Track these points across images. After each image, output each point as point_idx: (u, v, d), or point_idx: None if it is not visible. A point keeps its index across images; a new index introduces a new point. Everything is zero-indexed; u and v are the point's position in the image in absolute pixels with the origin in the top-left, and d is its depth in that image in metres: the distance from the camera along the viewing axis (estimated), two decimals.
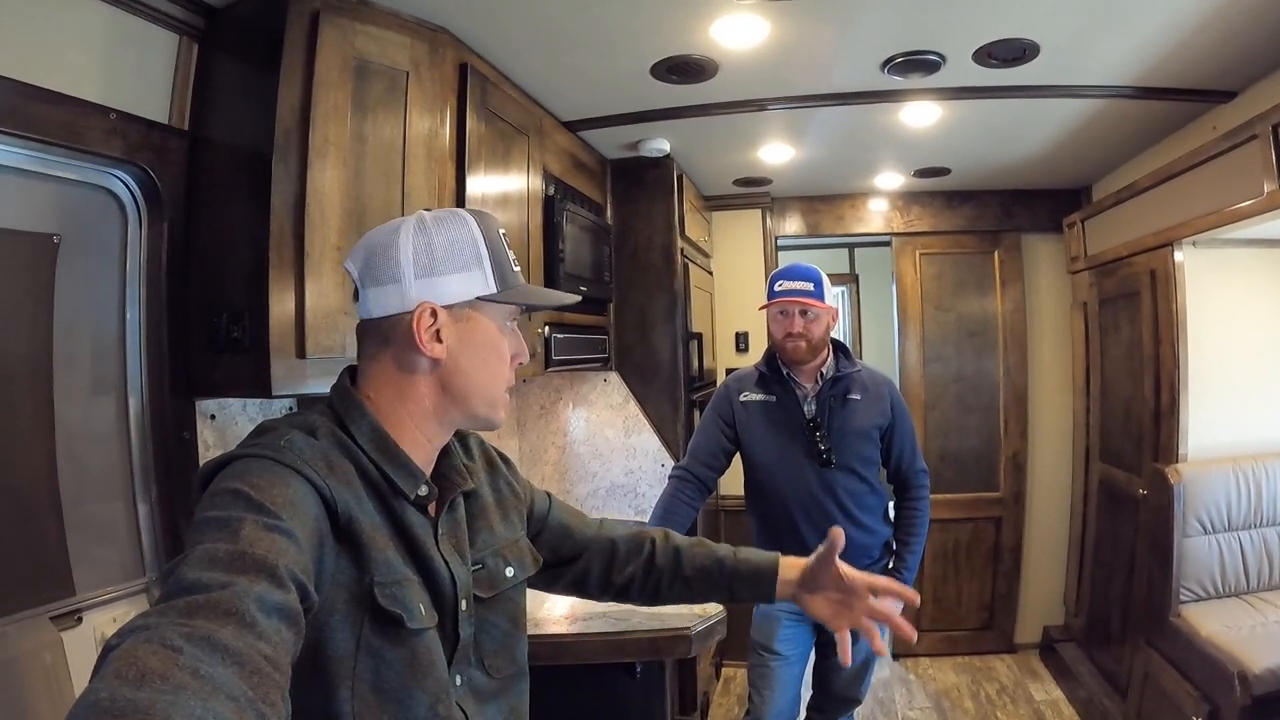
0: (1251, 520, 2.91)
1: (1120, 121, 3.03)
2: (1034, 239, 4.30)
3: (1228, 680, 2.45)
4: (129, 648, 0.60)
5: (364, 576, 0.91)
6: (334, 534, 0.90)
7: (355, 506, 0.92)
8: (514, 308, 1.07)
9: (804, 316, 2.31)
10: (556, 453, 3.60)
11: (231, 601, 0.69)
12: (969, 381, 4.31)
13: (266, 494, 0.82)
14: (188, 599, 0.68)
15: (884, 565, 2.43)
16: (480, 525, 1.12)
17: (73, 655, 1.49)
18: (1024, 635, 4.31)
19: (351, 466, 0.95)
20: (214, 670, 0.61)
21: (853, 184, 4.23)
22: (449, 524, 1.05)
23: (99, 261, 1.64)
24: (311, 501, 0.87)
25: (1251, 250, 3.02)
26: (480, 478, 1.17)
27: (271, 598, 0.72)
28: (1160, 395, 3.06)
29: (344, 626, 0.88)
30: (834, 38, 2.26)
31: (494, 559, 1.11)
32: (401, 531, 0.98)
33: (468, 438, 1.22)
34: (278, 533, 0.79)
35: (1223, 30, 2.21)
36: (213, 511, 0.80)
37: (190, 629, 0.64)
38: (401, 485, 0.98)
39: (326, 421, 0.98)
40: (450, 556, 1.02)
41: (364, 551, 0.91)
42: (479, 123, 2.16)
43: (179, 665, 0.59)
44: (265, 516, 0.80)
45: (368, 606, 0.90)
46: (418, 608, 0.95)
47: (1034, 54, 2.35)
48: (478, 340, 1.03)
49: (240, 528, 0.77)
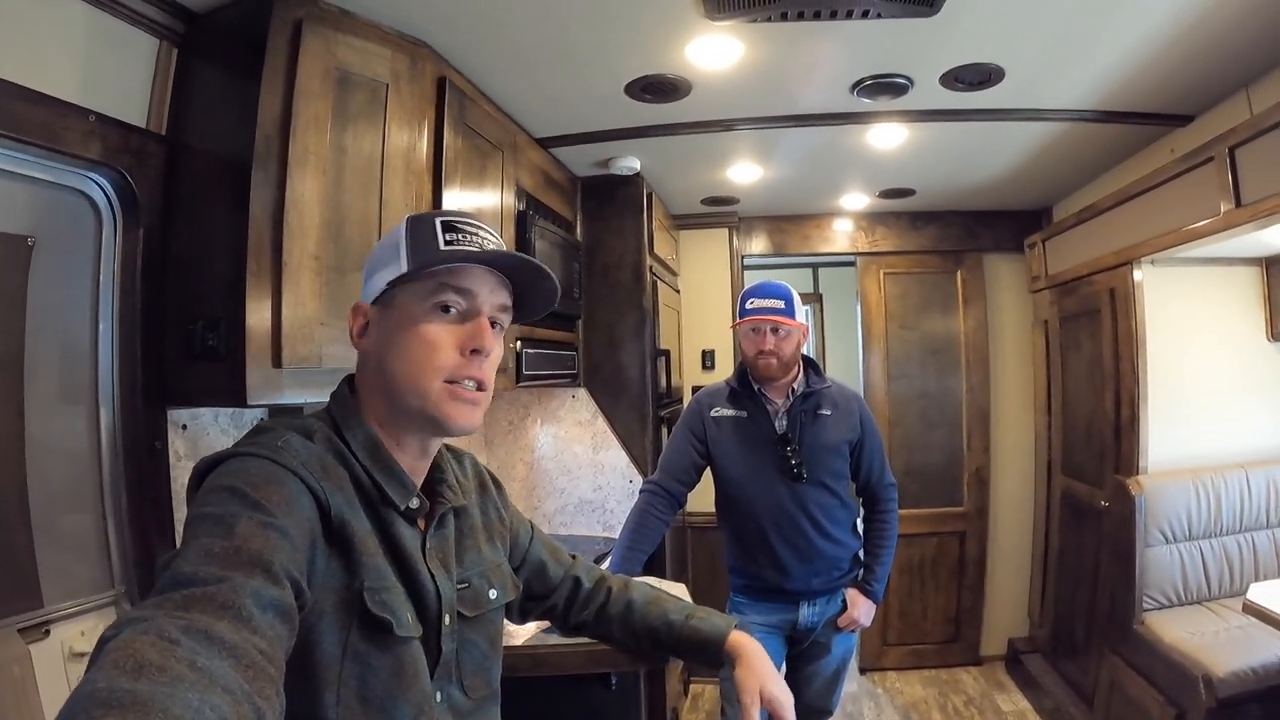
0: (1211, 529, 3.00)
1: (1081, 144, 3.13)
2: (996, 259, 4.40)
3: (1193, 684, 2.51)
4: (126, 639, 0.60)
5: (354, 581, 0.91)
6: (326, 536, 0.90)
7: (348, 511, 0.93)
8: (450, 294, 0.99)
9: (775, 334, 2.33)
10: (524, 469, 3.59)
11: (228, 596, 0.69)
12: (933, 398, 4.38)
13: (262, 492, 0.83)
14: (184, 592, 0.69)
15: (853, 577, 2.46)
16: (469, 544, 1.13)
17: (40, 668, 1.45)
18: (989, 647, 4.36)
19: (345, 473, 0.96)
20: (211, 663, 0.61)
21: (819, 204, 4.30)
22: (437, 539, 1.06)
23: (73, 265, 1.61)
24: (306, 502, 0.87)
25: (1208, 268, 3.13)
26: (472, 498, 1.18)
27: (267, 593, 0.73)
28: (1120, 410, 3.15)
29: (331, 630, 0.88)
30: (807, 60, 2.31)
31: (479, 579, 1.12)
32: (390, 541, 0.98)
33: (463, 456, 1.23)
34: (273, 530, 0.80)
35: (1181, 56, 2.30)
36: (209, 508, 0.80)
37: (187, 621, 0.64)
38: (393, 495, 0.99)
39: (324, 427, 0.99)
40: (437, 571, 1.02)
41: (355, 556, 0.92)
42: (456, 137, 2.17)
43: (176, 657, 0.59)
44: (261, 514, 0.80)
45: (356, 611, 0.90)
46: (405, 616, 0.95)
47: (999, 78, 2.42)
48: (393, 326, 1.00)
49: (236, 524, 0.78)
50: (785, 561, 2.35)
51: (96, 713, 0.52)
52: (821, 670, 2.46)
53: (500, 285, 1.04)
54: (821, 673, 2.46)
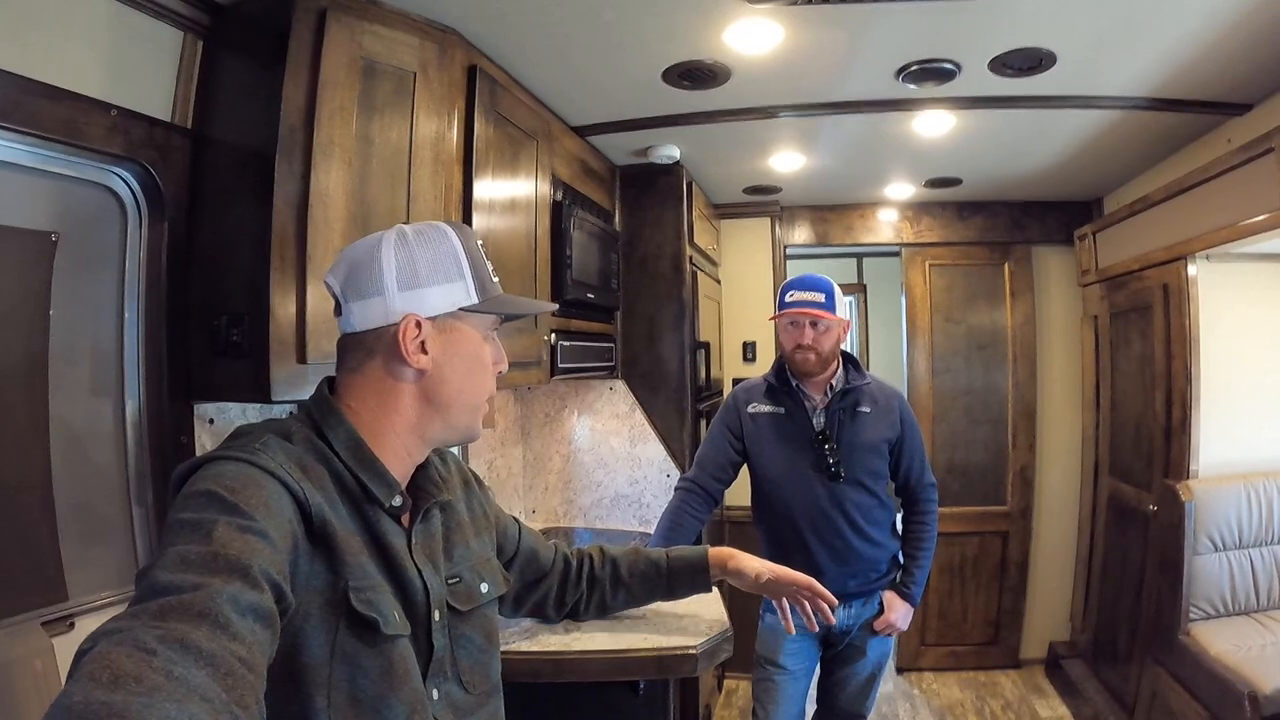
0: (1262, 538, 2.87)
1: (1134, 133, 3.00)
2: (1044, 251, 4.27)
3: (1237, 700, 2.41)
4: (102, 651, 0.60)
5: (338, 581, 0.90)
6: (308, 537, 0.89)
7: (329, 510, 0.92)
8: (494, 317, 1.09)
9: (814, 328, 2.27)
10: (561, 461, 3.56)
11: (205, 603, 0.69)
12: (978, 394, 4.28)
13: (240, 495, 0.82)
14: (160, 601, 0.68)
15: (891, 579, 2.40)
16: (457, 539, 1.13)
17: (64, 661, 1.45)
18: (1029, 651, 4.26)
19: (326, 472, 0.95)
20: (188, 672, 0.61)
21: (863, 194, 4.21)
22: (423, 534, 1.06)
23: (98, 261, 1.60)
24: (285, 503, 0.87)
25: (1265, 265, 2.99)
26: (457, 493, 1.19)
27: (245, 598, 0.72)
28: (1171, 411, 3.03)
29: (318, 633, 0.88)
30: (848, 44, 2.23)
31: (470, 574, 1.12)
32: (375, 539, 0.98)
33: (445, 454, 1.23)
34: (251, 534, 0.79)
35: (1240, 43, 2.18)
36: (186, 514, 0.79)
37: (164, 631, 0.64)
38: (376, 492, 0.98)
39: (303, 428, 0.99)
40: (424, 566, 1.02)
41: (338, 555, 0.91)
42: (487, 126, 2.13)
43: (152, 667, 0.59)
44: (239, 518, 0.79)
45: (343, 611, 0.90)
46: (392, 614, 0.95)
47: (1050, 63, 2.31)
48: (462, 350, 1.05)
49: (214, 529, 0.77)
50: (821, 562, 2.29)
51: None
52: (856, 674, 2.40)
53: None
54: (856, 676, 2.40)
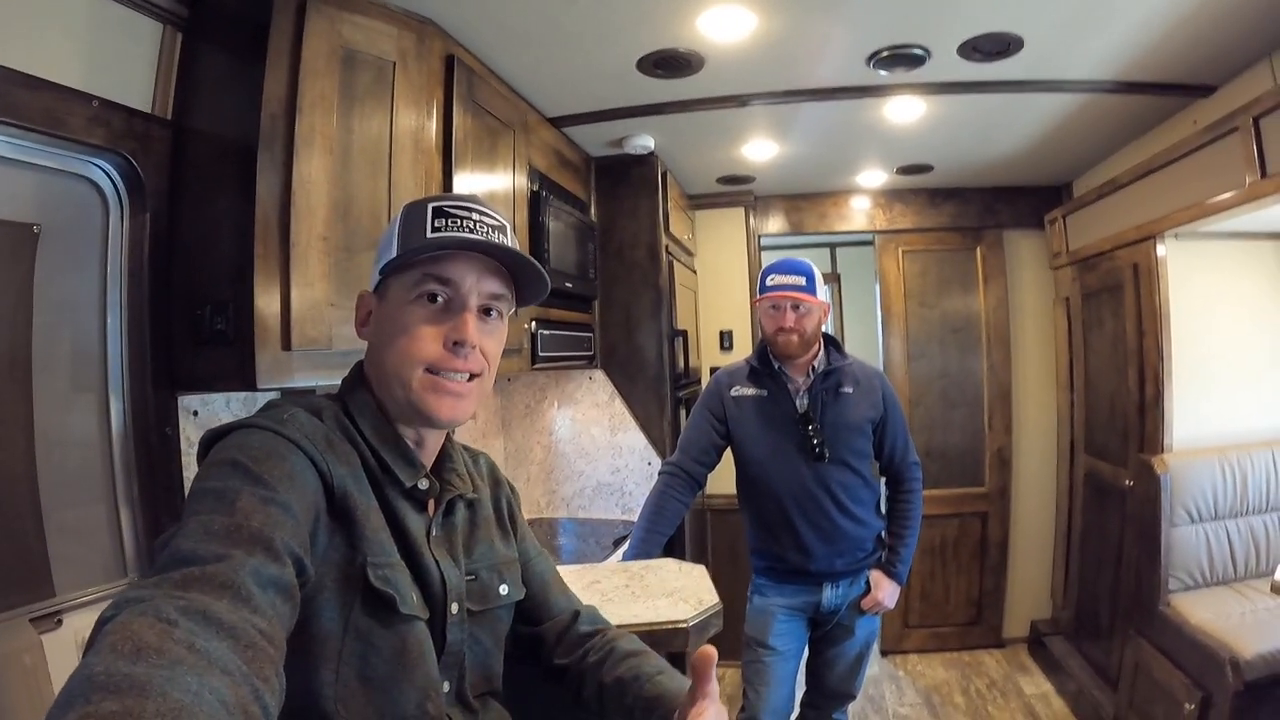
0: (1238, 509, 2.94)
1: (1102, 117, 3.06)
2: (1016, 235, 4.33)
3: (1220, 667, 2.46)
4: (124, 620, 0.60)
5: (356, 556, 0.90)
6: (329, 510, 0.89)
7: (352, 485, 0.92)
8: (432, 284, 0.97)
9: (796, 311, 2.29)
10: (542, 452, 3.57)
11: (227, 574, 0.69)
12: (953, 378, 4.33)
13: (264, 466, 0.82)
14: (183, 571, 0.68)
15: (877, 558, 2.43)
16: (480, 536, 1.11)
17: (52, 657, 1.44)
18: (1012, 630, 4.33)
19: (352, 450, 0.95)
20: (209, 644, 0.61)
21: (835, 182, 4.25)
22: (444, 526, 1.04)
23: (80, 252, 1.59)
24: (309, 476, 0.86)
25: (1233, 242, 3.05)
26: (484, 492, 1.16)
27: (267, 571, 0.72)
28: (1145, 387, 3.08)
29: (332, 606, 0.87)
30: (821, 30, 2.26)
31: (489, 573, 1.10)
32: (395, 522, 0.97)
33: (479, 456, 1.22)
34: (274, 505, 0.79)
35: (1203, 25, 2.23)
36: (210, 482, 0.79)
37: (186, 602, 0.64)
38: (399, 472, 0.98)
39: (333, 406, 0.99)
40: (441, 558, 1.01)
41: (358, 530, 0.90)
42: (466, 116, 2.14)
43: (174, 639, 0.59)
44: (262, 489, 0.79)
45: (359, 587, 0.89)
46: (410, 594, 0.93)
47: (1018, 48, 2.36)
48: (384, 316, 1.00)
49: (237, 499, 0.77)
50: (808, 542, 2.32)
51: (95, 697, 0.52)
52: (845, 653, 2.43)
53: (491, 272, 1.01)
54: (845, 656, 2.43)
